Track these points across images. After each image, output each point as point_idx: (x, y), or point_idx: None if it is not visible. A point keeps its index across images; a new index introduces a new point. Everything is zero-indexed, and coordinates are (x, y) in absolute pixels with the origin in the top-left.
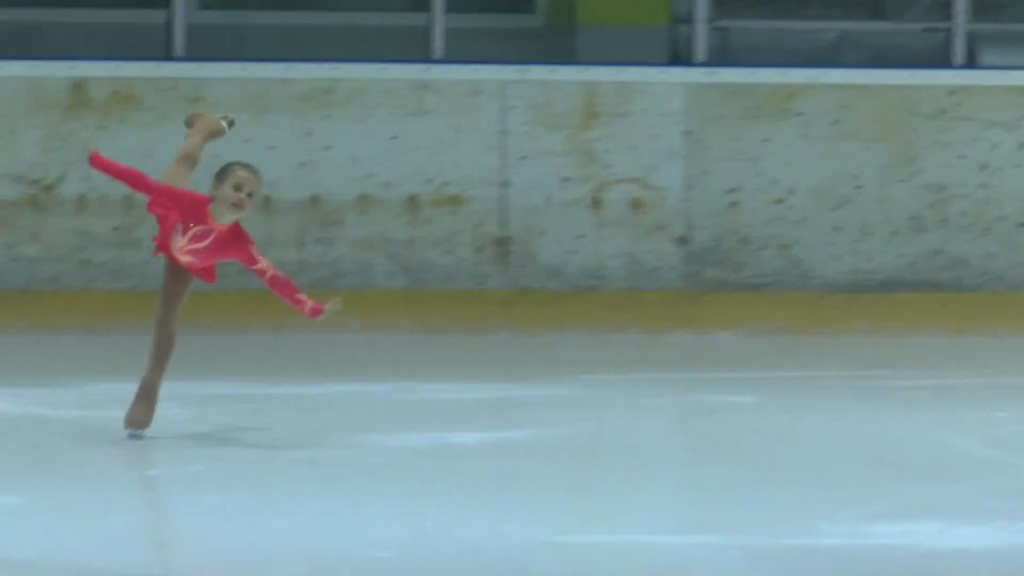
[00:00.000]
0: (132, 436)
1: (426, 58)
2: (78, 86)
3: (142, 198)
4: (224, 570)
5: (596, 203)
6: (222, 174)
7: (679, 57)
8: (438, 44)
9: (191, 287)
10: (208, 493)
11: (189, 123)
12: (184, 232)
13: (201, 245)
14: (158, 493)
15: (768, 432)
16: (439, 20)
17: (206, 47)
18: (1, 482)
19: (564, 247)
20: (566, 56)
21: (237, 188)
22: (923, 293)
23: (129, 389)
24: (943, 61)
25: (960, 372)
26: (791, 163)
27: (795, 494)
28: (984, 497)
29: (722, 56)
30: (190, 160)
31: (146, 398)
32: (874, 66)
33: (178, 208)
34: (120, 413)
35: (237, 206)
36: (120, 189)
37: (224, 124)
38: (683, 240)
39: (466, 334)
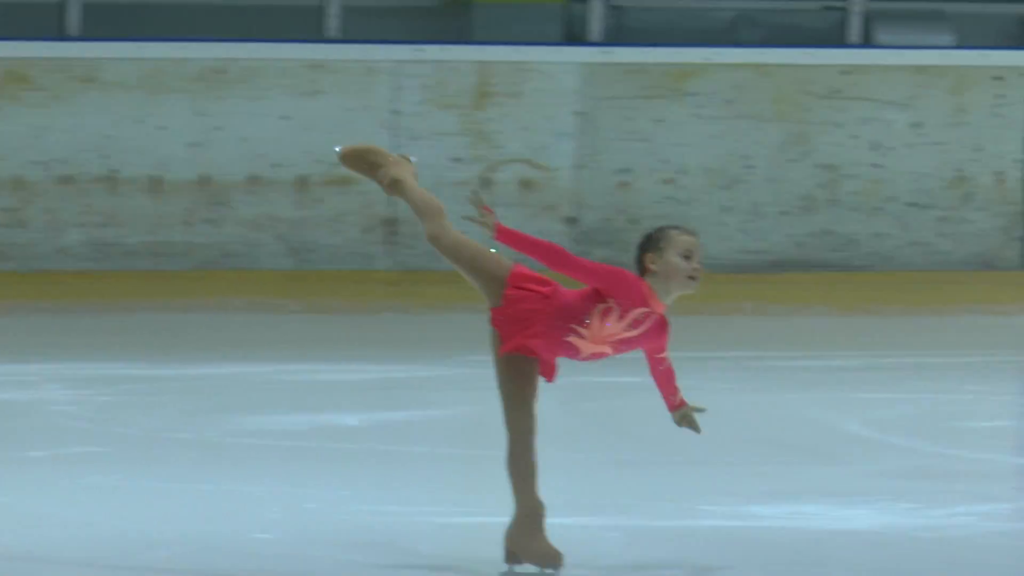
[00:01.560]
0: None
1: (320, 38)
2: None
3: (33, 177)
4: (105, 550)
5: (486, 183)
6: (655, 243)
7: (574, 36)
8: (333, 23)
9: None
10: (91, 474)
11: (362, 161)
12: (621, 317)
13: (636, 332)
14: (40, 474)
15: (652, 412)
16: None
17: (101, 26)
18: None
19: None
20: (461, 35)
21: (687, 256)
22: (812, 273)
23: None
24: (838, 40)
25: (847, 352)
26: (683, 143)
27: (678, 475)
28: (867, 478)
29: (617, 35)
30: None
31: (536, 527)
32: (768, 45)
33: (618, 290)
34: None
35: (693, 278)
36: (9, 170)
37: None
38: (572, 220)
39: (352, 314)
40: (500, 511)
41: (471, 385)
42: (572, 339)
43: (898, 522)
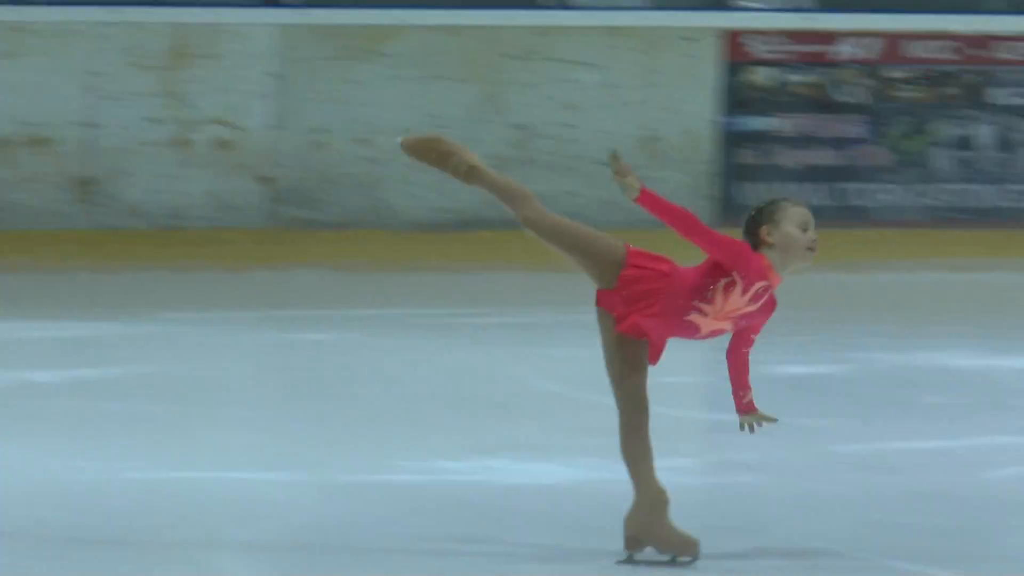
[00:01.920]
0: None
1: None
2: None
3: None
4: None
5: (182, 143)
6: (770, 215)
7: None
8: None
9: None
10: None
11: (430, 151)
12: (744, 291)
13: (756, 306)
14: None
15: (347, 369)
16: None
17: None
18: None
19: (148, 186)
20: None
21: (803, 228)
22: (502, 231)
23: None
24: (531, 2)
25: (535, 309)
26: (378, 104)
27: (371, 430)
28: (556, 433)
29: None
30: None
31: (662, 513)
32: (462, 7)
33: (741, 262)
34: None
35: (812, 249)
36: None
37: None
38: (267, 180)
39: (48, 273)
40: (193, 466)
41: (166, 343)
42: (692, 316)
43: (586, 476)
